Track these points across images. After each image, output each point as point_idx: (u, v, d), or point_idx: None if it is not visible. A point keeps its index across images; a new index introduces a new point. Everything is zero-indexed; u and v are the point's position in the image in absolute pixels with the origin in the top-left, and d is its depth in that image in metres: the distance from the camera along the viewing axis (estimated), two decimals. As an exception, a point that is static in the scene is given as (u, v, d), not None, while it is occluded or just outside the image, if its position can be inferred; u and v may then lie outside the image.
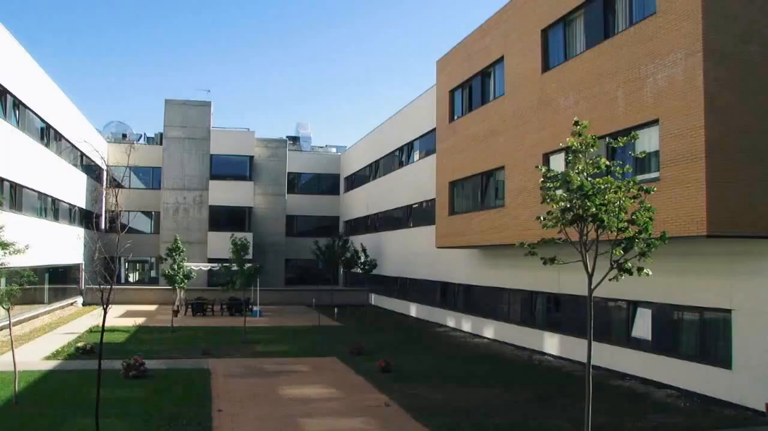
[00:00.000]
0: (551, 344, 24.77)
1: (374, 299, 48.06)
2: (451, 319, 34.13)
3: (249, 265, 30.16)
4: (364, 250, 42.00)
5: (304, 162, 59.72)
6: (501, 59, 26.46)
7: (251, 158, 51.53)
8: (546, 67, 23.13)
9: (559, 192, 10.56)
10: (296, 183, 58.83)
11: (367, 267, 40.57)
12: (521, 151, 24.10)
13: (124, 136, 58.28)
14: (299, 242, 54.72)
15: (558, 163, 20.89)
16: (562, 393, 18.07)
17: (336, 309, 39.96)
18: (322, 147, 69.00)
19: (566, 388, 18.78)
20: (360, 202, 52.76)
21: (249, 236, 43.97)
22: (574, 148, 10.64)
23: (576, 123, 10.69)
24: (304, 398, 17.06)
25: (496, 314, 29.28)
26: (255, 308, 39.34)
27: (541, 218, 10.88)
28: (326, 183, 59.99)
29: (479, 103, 28.58)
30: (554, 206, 10.54)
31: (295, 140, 65.86)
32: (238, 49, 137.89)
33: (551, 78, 22.56)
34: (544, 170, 11.07)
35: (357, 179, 54.41)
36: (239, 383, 18.86)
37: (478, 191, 28.49)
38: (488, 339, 29.55)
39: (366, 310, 42.91)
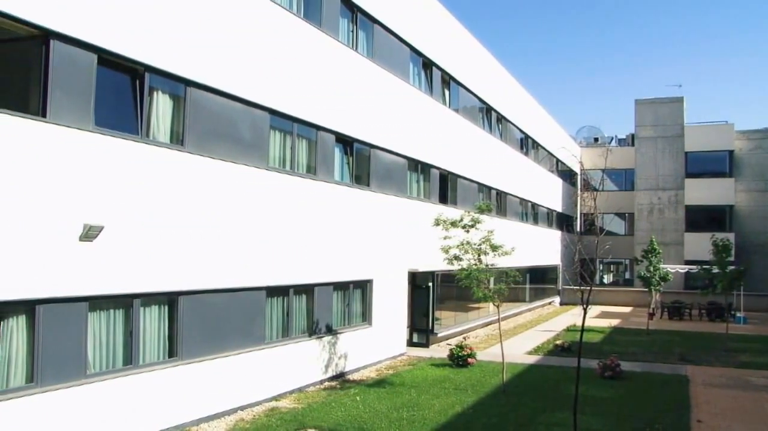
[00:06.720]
0: None
1: None
2: None
3: (732, 268, 27.99)
4: None
5: (795, 152, 52.83)
6: None
7: (731, 152, 47.73)
8: None
9: None
10: (786, 177, 52.33)
11: None
12: None
13: (596, 139, 59.68)
14: (791, 243, 48.66)
15: None
16: None
17: (842, 321, 34.61)
18: (819, 133, 60.47)
19: None
20: None
21: (731, 237, 40.92)
22: None
23: None
24: (798, 419, 15.16)
25: None
26: (738, 314, 36.35)
27: None
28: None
29: None
30: None
31: (783, 128, 59.19)
32: (708, 42, 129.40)
33: None
34: None
35: None
36: (721, 394, 17.62)
37: None
38: None
39: None
